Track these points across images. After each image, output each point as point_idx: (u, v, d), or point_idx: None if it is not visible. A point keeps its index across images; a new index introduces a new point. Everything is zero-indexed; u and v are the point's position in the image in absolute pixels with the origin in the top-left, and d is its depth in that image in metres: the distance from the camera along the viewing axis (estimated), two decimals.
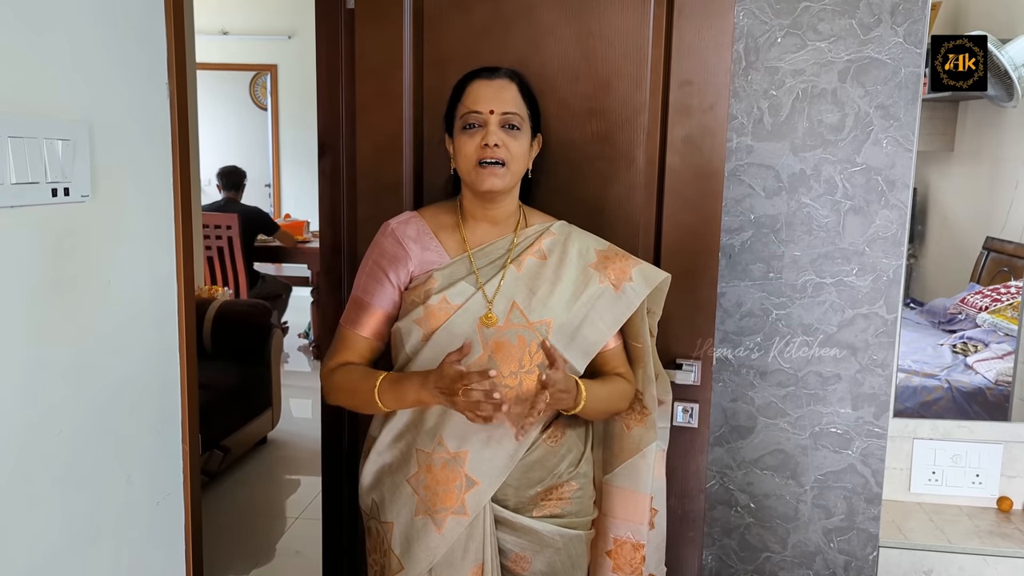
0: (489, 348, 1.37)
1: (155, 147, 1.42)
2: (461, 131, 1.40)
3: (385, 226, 1.48)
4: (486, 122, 1.37)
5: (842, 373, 1.89)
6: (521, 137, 1.40)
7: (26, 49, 1.12)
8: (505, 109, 1.38)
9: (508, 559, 1.44)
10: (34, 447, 1.17)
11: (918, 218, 2.81)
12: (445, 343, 1.37)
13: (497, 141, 1.36)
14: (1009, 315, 2.57)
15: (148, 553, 1.44)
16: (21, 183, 1.11)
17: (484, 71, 1.42)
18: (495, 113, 1.37)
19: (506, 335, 1.38)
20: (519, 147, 1.39)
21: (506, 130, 1.38)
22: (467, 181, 1.42)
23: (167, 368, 1.47)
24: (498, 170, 1.37)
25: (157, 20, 1.41)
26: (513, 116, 1.39)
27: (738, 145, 1.84)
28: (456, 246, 1.45)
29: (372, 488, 1.48)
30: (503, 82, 1.40)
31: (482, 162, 1.37)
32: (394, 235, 1.45)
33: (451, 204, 1.50)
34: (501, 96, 1.39)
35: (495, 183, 1.38)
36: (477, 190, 1.40)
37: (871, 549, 1.94)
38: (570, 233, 1.48)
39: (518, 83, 1.42)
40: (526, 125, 1.41)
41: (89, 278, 1.26)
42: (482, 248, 1.44)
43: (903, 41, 1.77)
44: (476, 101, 1.38)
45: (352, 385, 1.42)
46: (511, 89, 1.40)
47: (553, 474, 1.44)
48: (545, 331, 1.39)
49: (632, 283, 1.44)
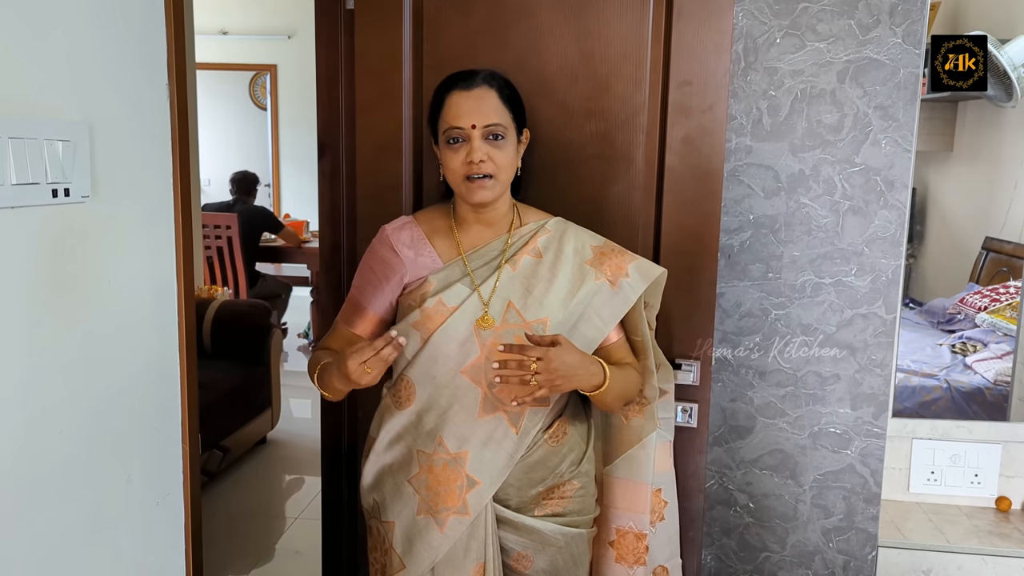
0: (487, 349, 1.38)
1: (155, 147, 1.42)
2: (446, 145, 1.39)
3: (381, 231, 1.49)
4: (469, 136, 1.36)
5: (841, 373, 1.89)
6: (506, 145, 1.38)
7: (26, 50, 1.12)
8: (487, 121, 1.36)
9: (510, 558, 1.45)
10: (34, 446, 1.18)
11: (917, 218, 2.81)
12: (442, 345, 1.38)
13: (482, 156, 1.35)
14: (1008, 315, 2.57)
15: (148, 553, 1.45)
16: (21, 184, 1.11)
17: (460, 81, 1.39)
18: (477, 127, 1.36)
19: (503, 336, 1.38)
20: (504, 157, 1.38)
21: (490, 141, 1.37)
22: (458, 193, 1.42)
23: (167, 368, 1.48)
24: (487, 183, 1.37)
25: (157, 20, 1.41)
26: (496, 127, 1.37)
27: (737, 145, 1.85)
28: (450, 250, 1.45)
29: (373, 488, 1.49)
30: (482, 91, 1.37)
31: (470, 177, 1.37)
32: (388, 242, 1.46)
33: (445, 208, 1.50)
34: (481, 108, 1.36)
35: (485, 195, 1.38)
36: (467, 202, 1.41)
37: (870, 549, 1.94)
38: (566, 230, 1.48)
39: (497, 88, 1.39)
40: (511, 131, 1.40)
41: (89, 278, 1.26)
42: (476, 250, 1.45)
43: (902, 42, 1.77)
44: (457, 116, 1.36)
45: (311, 369, 1.46)
46: (490, 98, 1.37)
47: (555, 473, 1.44)
48: (542, 330, 1.39)
49: (628, 279, 1.44)
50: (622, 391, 1.43)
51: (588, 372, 1.33)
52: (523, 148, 1.47)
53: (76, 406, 1.25)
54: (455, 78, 1.40)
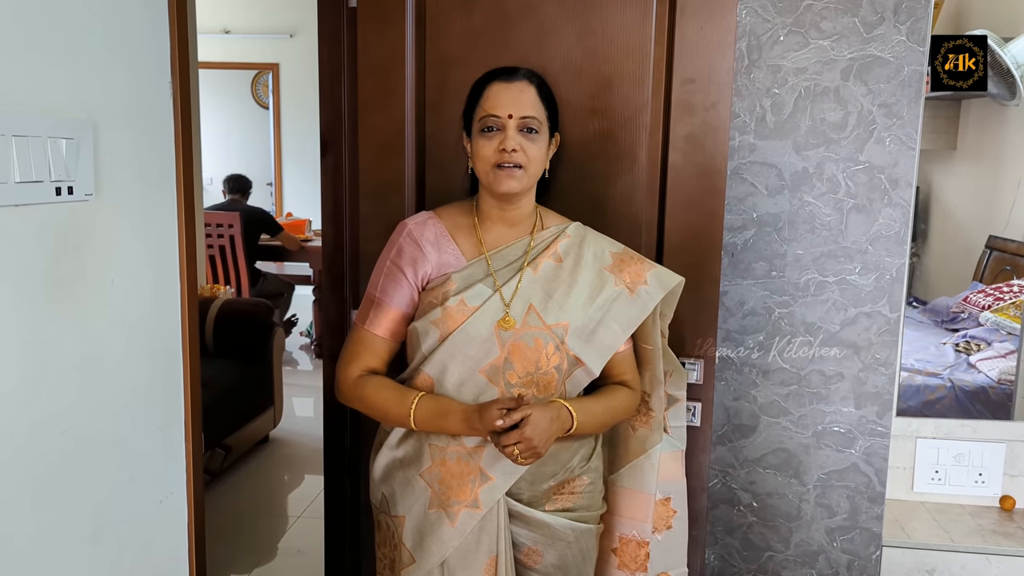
0: (506, 350, 1.38)
1: (158, 146, 1.42)
2: (479, 133, 1.40)
3: (402, 226, 1.47)
4: (504, 126, 1.38)
5: (845, 372, 1.88)
6: (539, 140, 1.40)
7: (30, 48, 1.12)
8: (524, 113, 1.38)
9: (521, 552, 1.45)
10: (36, 445, 1.18)
11: (921, 217, 2.81)
12: (462, 344, 1.38)
13: (515, 146, 1.37)
14: (1012, 314, 2.57)
15: (151, 552, 1.45)
16: (25, 182, 1.11)
17: (503, 73, 1.42)
18: (513, 118, 1.37)
19: (523, 338, 1.39)
20: (537, 150, 1.39)
21: (524, 134, 1.38)
22: (484, 183, 1.42)
23: (170, 367, 1.48)
24: (516, 172, 1.38)
25: (160, 18, 1.41)
26: (532, 120, 1.39)
27: (740, 143, 1.84)
28: (473, 248, 1.45)
29: (383, 482, 1.48)
30: (522, 84, 1.40)
31: (500, 165, 1.38)
32: (411, 236, 1.45)
33: (467, 205, 1.50)
34: (520, 100, 1.38)
35: (512, 185, 1.38)
36: (495, 192, 1.41)
37: (874, 548, 1.94)
38: (585, 236, 1.49)
39: (537, 85, 1.42)
40: (544, 127, 1.41)
41: (93, 277, 1.26)
42: (499, 250, 1.45)
43: (906, 39, 1.76)
44: (495, 105, 1.38)
45: (383, 404, 1.42)
46: (530, 92, 1.40)
47: (566, 468, 1.45)
48: (562, 333, 1.40)
49: (647, 286, 1.45)
50: (601, 423, 1.46)
51: (560, 425, 1.36)
52: (553, 151, 1.48)
53: (79, 405, 1.25)
54: (497, 71, 1.43)
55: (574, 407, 1.39)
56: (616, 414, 1.47)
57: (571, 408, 1.38)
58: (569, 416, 1.37)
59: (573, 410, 1.38)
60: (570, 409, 1.38)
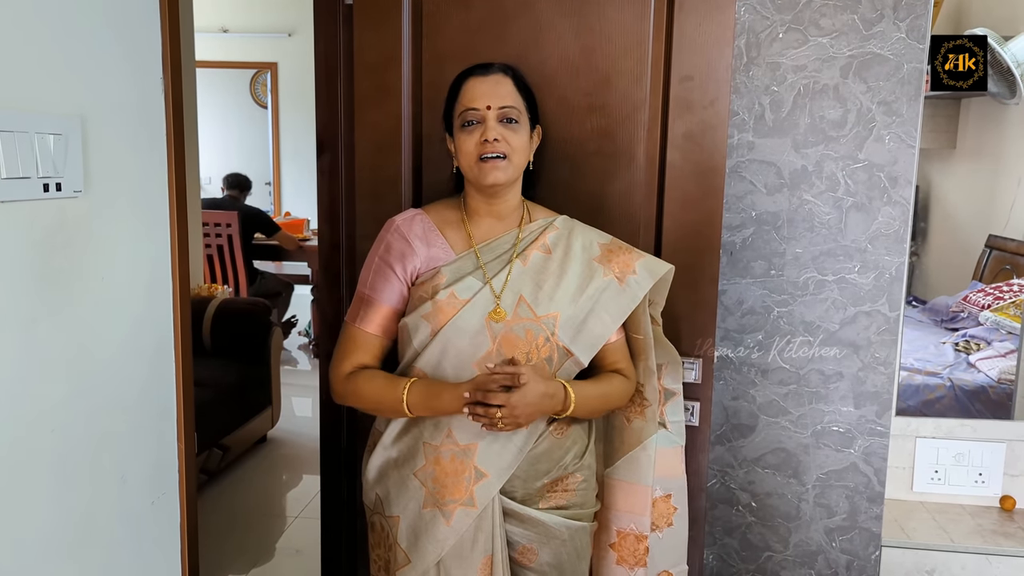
0: (498, 342, 1.38)
1: (150, 142, 1.41)
2: (460, 129, 1.41)
3: (390, 223, 1.48)
4: (484, 118, 1.39)
5: (844, 371, 1.87)
6: (520, 130, 1.41)
7: (17, 42, 1.11)
8: (502, 103, 1.39)
9: (515, 551, 1.45)
10: (27, 445, 1.16)
11: (920, 216, 2.80)
12: (453, 338, 1.38)
13: (496, 136, 1.38)
14: (1012, 313, 2.56)
15: (143, 553, 1.43)
16: (12, 178, 1.10)
17: (478, 68, 1.43)
18: (492, 108, 1.38)
19: (514, 329, 1.39)
20: (518, 140, 1.40)
21: (504, 124, 1.39)
22: (470, 177, 1.42)
23: (162, 365, 1.46)
24: (500, 163, 1.38)
25: (152, 13, 1.39)
26: (510, 110, 1.40)
27: (739, 141, 1.83)
28: (461, 242, 1.46)
29: (376, 483, 1.48)
30: (498, 77, 1.41)
31: (483, 157, 1.38)
32: (399, 231, 1.46)
33: (455, 201, 1.50)
34: (497, 91, 1.40)
35: (498, 176, 1.39)
36: (481, 184, 1.41)
37: (873, 548, 1.93)
38: (573, 227, 1.49)
39: (512, 77, 1.43)
40: (524, 118, 1.42)
41: (82, 274, 1.25)
42: (488, 243, 1.45)
43: (906, 36, 1.75)
44: (472, 99, 1.39)
45: (375, 394, 1.42)
46: (506, 83, 1.41)
47: (559, 465, 1.44)
48: (552, 324, 1.40)
49: (636, 276, 1.45)
50: (594, 408, 1.45)
51: (552, 401, 1.35)
52: (535, 144, 1.48)
53: (69, 403, 1.24)
54: (472, 68, 1.44)
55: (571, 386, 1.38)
56: (610, 400, 1.47)
57: (569, 388, 1.37)
58: (564, 398, 1.37)
59: (571, 391, 1.37)
60: (567, 389, 1.37)
